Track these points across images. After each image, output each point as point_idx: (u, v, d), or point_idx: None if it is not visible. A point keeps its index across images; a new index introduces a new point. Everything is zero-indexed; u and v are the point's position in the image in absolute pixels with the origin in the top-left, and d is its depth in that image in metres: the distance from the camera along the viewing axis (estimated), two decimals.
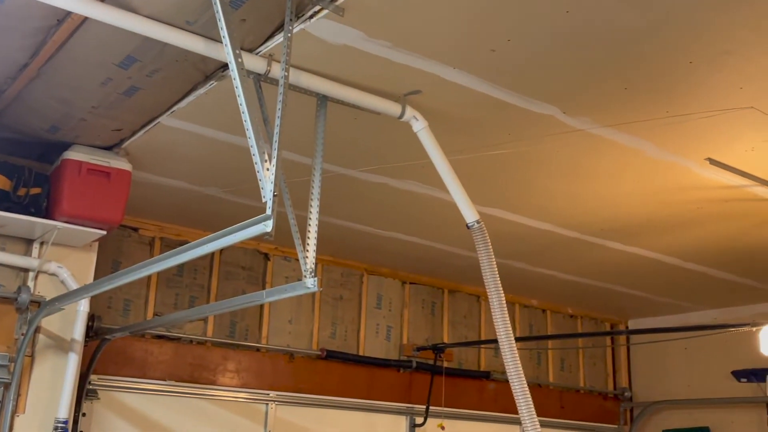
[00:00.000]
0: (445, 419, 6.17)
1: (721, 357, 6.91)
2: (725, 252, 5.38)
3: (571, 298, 7.11)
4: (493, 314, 3.06)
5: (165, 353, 5.14)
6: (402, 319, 6.37)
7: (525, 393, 2.95)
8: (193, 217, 5.12)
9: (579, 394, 7.37)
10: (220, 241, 2.62)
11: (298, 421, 5.58)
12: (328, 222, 5.05)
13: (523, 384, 2.96)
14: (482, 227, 3.18)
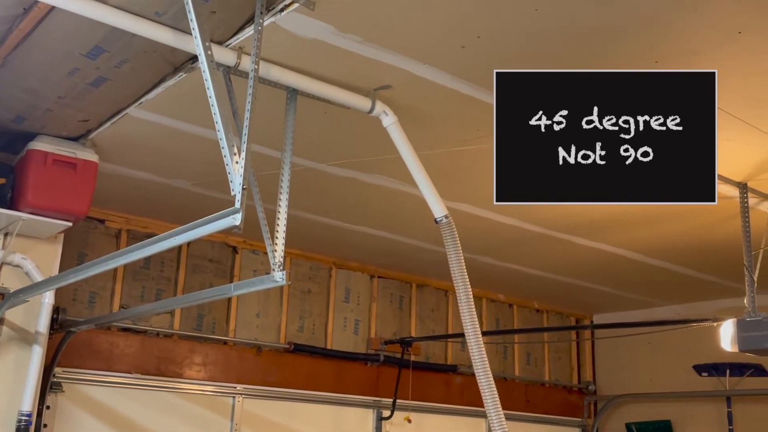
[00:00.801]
0: (411, 412, 6.21)
1: (683, 352, 7.03)
2: (688, 248, 5.48)
3: (537, 292, 7.19)
4: (461, 308, 3.09)
5: (131, 346, 5.10)
6: (370, 312, 6.39)
7: (491, 386, 2.99)
8: (160, 210, 5.08)
9: (544, 388, 7.46)
10: (188, 233, 2.61)
11: (265, 414, 5.57)
12: (297, 216, 5.05)
13: (489, 377, 2.99)
14: (450, 222, 3.21)
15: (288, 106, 3.19)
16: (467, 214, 4.88)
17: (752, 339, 3.92)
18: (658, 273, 6.14)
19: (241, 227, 2.45)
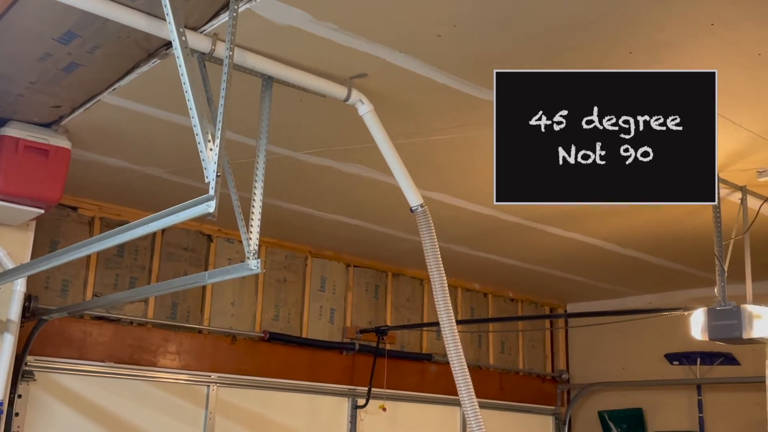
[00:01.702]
0: (387, 401, 6.23)
1: (654, 341, 7.12)
2: (661, 238, 5.54)
3: (512, 282, 7.23)
4: (435, 297, 3.10)
5: (104, 335, 5.07)
6: (345, 301, 6.40)
7: (465, 375, 3.01)
8: (134, 197, 5.04)
9: (518, 376, 7.52)
10: (161, 221, 2.59)
11: (240, 403, 5.57)
12: (273, 204, 5.03)
13: (463, 366, 3.01)
14: (426, 211, 3.22)
15: (263, 94, 3.17)
16: (443, 203, 4.89)
17: (722, 328, 3.98)
18: (631, 263, 6.21)
19: (215, 215, 2.44)
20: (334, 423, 6.07)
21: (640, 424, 7.25)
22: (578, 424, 7.73)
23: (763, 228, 4.87)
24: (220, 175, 2.42)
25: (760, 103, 3.38)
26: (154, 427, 5.12)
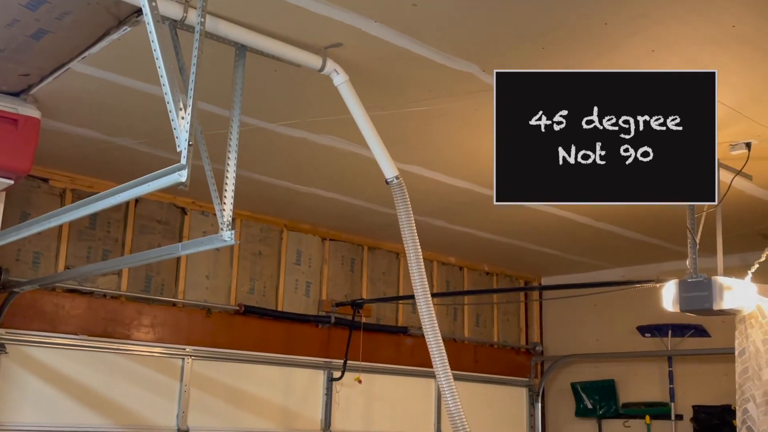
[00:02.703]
0: (362, 373, 6.26)
1: (627, 313, 7.21)
2: (634, 212, 5.58)
3: (487, 255, 7.27)
4: (410, 268, 3.11)
5: (77, 307, 5.03)
6: (321, 275, 6.39)
7: (440, 347, 3.02)
8: (106, 169, 4.97)
9: (493, 349, 7.59)
10: (133, 190, 2.56)
11: (215, 375, 5.56)
12: (247, 177, 4.99)
13: (438, 339, 3.02)
14: (401, 183, 3.21)
15: (236, 63, 3.13)
16: (418, 176, 4.89)
17: (693, 299, 4.03)
18: (605, 236, 6.26)
19: (187, 184, 2.41)
20: (310, 395, 6.10)
21: (612, 395, 7.36)
22: (551, 396, 7.83)
23: (734, 202, 4.93)
24: (192, 144, 2.39)
25: (734, 76, 3.39)
26: (128, 400, 5.11)
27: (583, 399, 7.53)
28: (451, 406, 2.96)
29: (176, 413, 5.30)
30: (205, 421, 5.42)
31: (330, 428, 6.09)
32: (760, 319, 4.00)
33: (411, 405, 6.73)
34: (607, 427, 7.38)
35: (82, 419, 4.90)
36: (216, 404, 5.53)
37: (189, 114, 2.43)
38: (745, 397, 3.99)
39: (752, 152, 4.14)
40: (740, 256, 5.72)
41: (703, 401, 6.75)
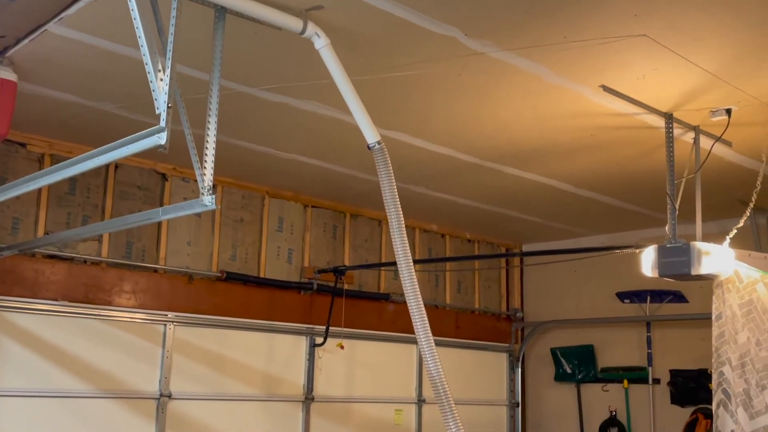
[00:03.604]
0: (344, 339, 6.30)
1: (606, 280, 7.29)
2: (615, 179, 5.61)
3: (469, 223, 7.29)
4: (392, 234, 3.11)
5: (57, 273, 5.00)
6: (303, 242, 6.39)
7: (422, 314, 3.03)
8: (85, 134, 4.92)
9: (474, 315, 7.65)
10: (112, 153, 2.54)
11: (197, 341, 5.57)
12: (228, 142, 4.96)
13: (420, 305, 3.04)
14: (383, 148, 3.20)
15: (216, 26, 3.09)
16: (400, 142, 4.87)
17: (672, 264, 4.07)
18: (586, 203, 6.30)
19: (166, 147, 2.39)
20: (293, 361, 6.13)
21: (591, 360, 7.46)
22: (531, 361, 7.93)
23: (714, 169, 4.97)
24: (171, 107, 2.37)
25: (716, 41, 3.39)
26: (111, 366, 5.11)
27: (562, 364, 7.63)
28: (432, 371, 2.98)
29: (158, 379, 5.32)
30: (187, 387, 5.44)
31: (312, 393, 6.13)
32: (737, 284, 4.06)
33: (393, 370, 6.79)
34: (586, 391, 7.49)
35: (64, 385, 4.90)
36: (199, 370, 5.55)
37: (168, 76, 2.40)
38: (721, 360, 4.06)
39: (732, 119, 4.16)
40: (719, 222, 5.77)
41: (680, 365, 6.87)
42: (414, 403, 6.86)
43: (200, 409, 5.50)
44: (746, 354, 3.98)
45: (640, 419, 7.05)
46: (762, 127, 4.32)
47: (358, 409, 6.46)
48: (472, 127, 4.64)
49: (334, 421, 6.27)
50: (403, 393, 6.83)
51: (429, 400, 6.82)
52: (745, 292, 4.03)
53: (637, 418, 7.08)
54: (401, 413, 6.75)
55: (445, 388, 2.98)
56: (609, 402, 7.28)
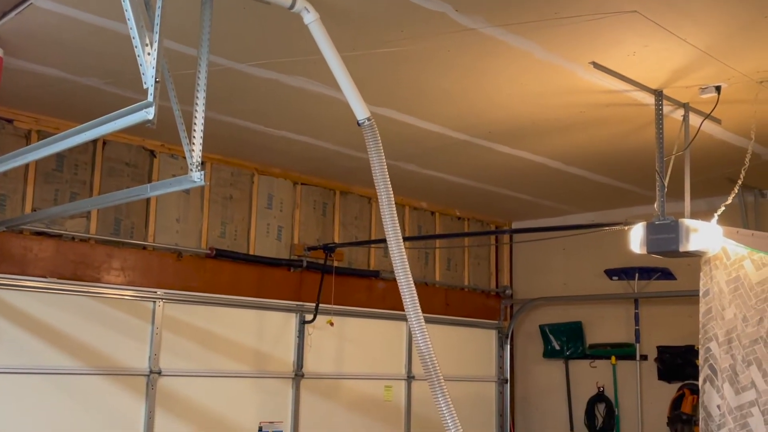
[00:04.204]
0: (334, 316, 6.32)
1: (595, 257, 7.33)
2: (605, 156, 5.62)
3: (459, 200, 7.30)
4: (382, 210, 3.10)
5: (45, 250, 4.98)
6: (293, 219, 6.39)
7: (411, 291, 3.04)
8: (72, 110, 4.87)
9: (463, 292, 7.68)
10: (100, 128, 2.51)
11: (187, 318, 5.57)
12: (217, 119, 4.93)
13: (410, 282, 3.03)
14: (373, 125, 3.18)
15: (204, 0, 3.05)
16: (390, 119, 4.86)
17: (660, 241, 4.09)
18: (575, 181, 6.31)
19: (154, 122, 2.37)
20: (282, 338, 6.14)
21: (579, 337, 7.51)
22: (520, 338, 7.98)
23: (703, 146, 4.98)
24: (159, 81, 2.35)
25: (707, 17, 3.38)
26: (100, 343, 5.11)
27: (550, 340, 7.69)
28: (422, 348, 2.99)
29: (148, 356, 5.32)
30: (177, 364, 5.45)
31: (302, 370, 6.16)
32: (724, 261, 4.08)
33: (382, 347, 6.82)
34: (574, 367, 7.56)
35: (53, 362, 4.90)
36: (188, 347, 5.56)
37: (155, 50, 2.38)
38: (708, 336, 4.09)
39: (722, 96, 4.17)
40: (707, 200, 5.79)
41: (667, 342, 6.93)
42: (403, 380, 6.90)
43: (190, 385, 5.52)
44: (733, 330, 4.01)
45: (628, 395, 7.12)
46: (751, 104, 4.33)
47: (347, 385, 6.49)
48: (462, 104, 4.62)
49: (324, 398, 6.30)
50: (393, 369, 6.86)
51: (418, 376, 6.86)
52: (733, 268, 4.06)
53: (625, 393, 7.15)
54: (391, 389, 6.80)
55: (434, 364, 2.99)
56: (597, 378, 7.35)
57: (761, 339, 3.92)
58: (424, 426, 6.83)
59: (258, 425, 5.86)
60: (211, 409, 5.61)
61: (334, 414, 6.35)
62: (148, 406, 5.25)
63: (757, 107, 4.33)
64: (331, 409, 6.34)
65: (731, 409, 3.94)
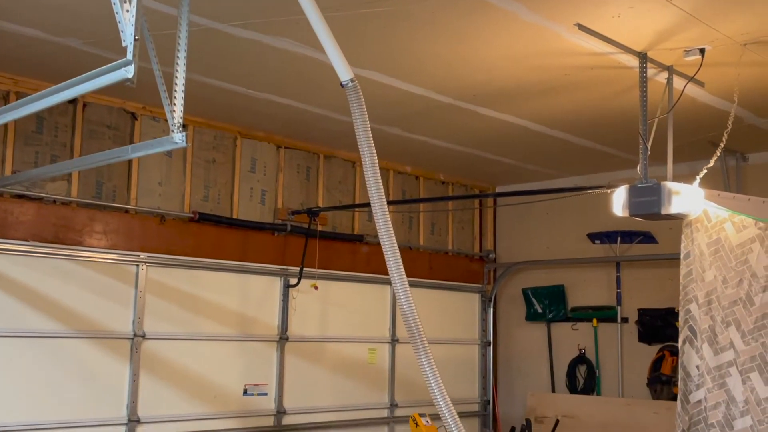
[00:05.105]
0: (318, 280, 6.33)
1: (578, 221, 7.37)
2: (588, 120, 5.62)
3: (443, 164, 7.30)
4: (366, 173, 3.08)
5: (26, 214, 4.94)
6: (277, 183, 6.36)
7: (395, 255, 3.03)
8: (52, 71, 4.80)
9: (447, 256, 7.71)
10: (78, 87, 2.48)
11: (171, 282, 5.57)
12: (199, 80, 4.88)
13: (394, 246, 3.03)
14: (356, 86, 3.14)
15: None
16: (374, 82, 4.83)
17: (642, 204, 4.11)
18: (559, 144, 6.31)
19: (134, 81, 2.34)
20: (267, 301, 6.16)
21: (561, 300, 7.58)
22: (503, 301, 8.04)
23: (686, 110, 4.99)
24: (138, 39, 2.31)
25: None
26: (83, 306, 5.11)
27: (533, 304, 7.76)
28: (406, 311, 3.00)
29: (132, 319, 5.32)
30: (161, 327, 5.46)
31: (287, 333, 6.18)
32: (705, 223, 4.12)
33: (367, 311, 6.86)
34: (556, 330, 7.64)
35: (37, 325, 4.89)
36: (172, 310, 5.56)
37: (134, 7, 2.33)
38: (688, 298, 4.14)
39: (705, 58, 4.16)
40: (689, 164, 5.82)
41: (648, 305, 7.01)
42: (388, 343, 6.95)
43: (175, 348, 5.53)
44: (713, 291, 4.06)
45: (609, 357, 7.22)
46: (735, 67, 4.33)
47: (332, 348, 6.53)
48: (447, 66, 4.59)
49: (309, 361, 6.34)
50: (377, 333, 6.91)
51: (402, 339, 6.91)
52: (714, 231, 4.09)
53: (606, 355, 7.25)
54: (375, 352, 6.84)
55: (418, 327, 3.00)
56: (578, 340, 7.43)
57: (740, 300, 3.97)
58: (408, 388, 6.91)
59: (243, 387, 5.90)
60: (196, 372, 5.63)
61: (319, 377, 6.40)
62: (132, 369, 5.26)
63: (740, 70, 4.34)
64: (316, 371, 6.38)
65: (710, 369, 4.00)
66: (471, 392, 7.66)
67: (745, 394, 3.87)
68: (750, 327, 3.92)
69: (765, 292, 3.91)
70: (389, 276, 3.03)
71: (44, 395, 4.88)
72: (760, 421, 3.81)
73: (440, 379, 2.93)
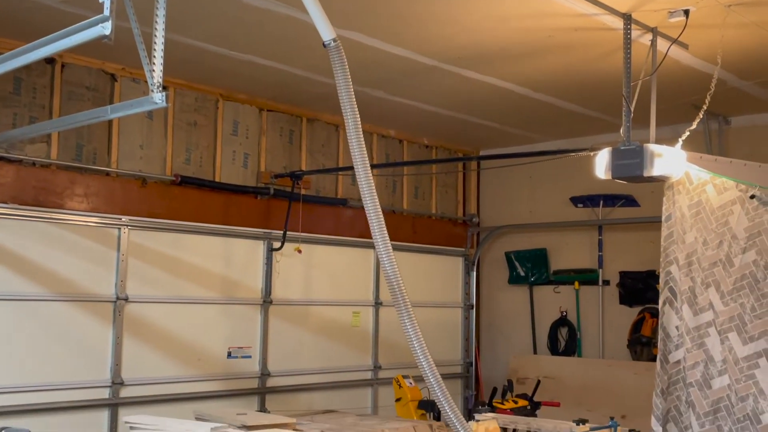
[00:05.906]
0: (302, 244, 6.33)
1: (561, 185, 7.39)
2: (572, 82, 5.61)
3: (427, 128, 7.27)
4: (349, 135, 3.06)
5: (5, 176, 4.88)
6: (259, 146, 6.32)
7: (379, 218, 3.03)
8: (28, 30, 4.67)
9: (431, 220, 7.72)
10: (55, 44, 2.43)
11: (152, 245, 5.54)
12: (179, 41, 4.80)
13: (377, 210, 3.03)
14: (339, 46, 3.12)
15: None
16: (357, 43, 4.78)
17: (625, 166, 4.12)
18: (543, 108, 6.30)
19: (111, 38, 2.30)
20: (250, 264, 6.15)
21: (544, 263, 7.64)
22: (486, 264, 8.09)
23: (669, 73, 4.98)
24: None
25: None
26: (65, 269, 5.08)
27: (516, 267, 7.81)
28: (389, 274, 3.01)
29: (114, 282, 5.30)
30: (144, 290, 5.45)
31: (270, 296, 6.19)
32: (687, 186, 4.13)
33: (350, 274, 6.88)
34: (538, 293, 7.70)
35: (18, 288, 4.87)
36: (155, 274, 5.54)
37: None
38: (669, 260, 4.17)
39: (690, 20, 4.15)
40: (672, 127, 5.81)
41: (629, 267, 7.07)
42: (371, 306, 6.98)
43: (158, 311, 5.53)
44: (693, 253, 4.09)
45: (590, 319, 7.30)
46: (719, 29, 4.32)
47: (316, 311, 6.56)
48: (431, 27, 4.55)
49: (293, 323, 6.36)
50: (361, 296, 6.93)
51: (386, 302, 6.95)
52: (695, 193, 4.11)
53: (587, 318, 7.33)
54: (358, 315, 6.88)
55: (402, 290, 3.01)
56: (560, 303, 7.51)
57: (720, 262, 4.00)
58: (392, 351, 6.96)
59: (227, 350, 5.92)
60: (179, 335, 5.64)
61: (303, 339, 6.43)
62: (115, 332, 5.26)
63: (724, 32, 4.33)
64: (300, 334, 6.41)
65: (689, 329, 4.05)
66: (454, 354, 7.73)
67: (723, 353, 3.93)
68: (729, 288, 3.96)
69: (744, 253, 3.94)
70: (373, 239, 3.04)
71: (28, 358, 4.87)
72: (737, 380, 3.87)
73: (423, 341, 2.95)
